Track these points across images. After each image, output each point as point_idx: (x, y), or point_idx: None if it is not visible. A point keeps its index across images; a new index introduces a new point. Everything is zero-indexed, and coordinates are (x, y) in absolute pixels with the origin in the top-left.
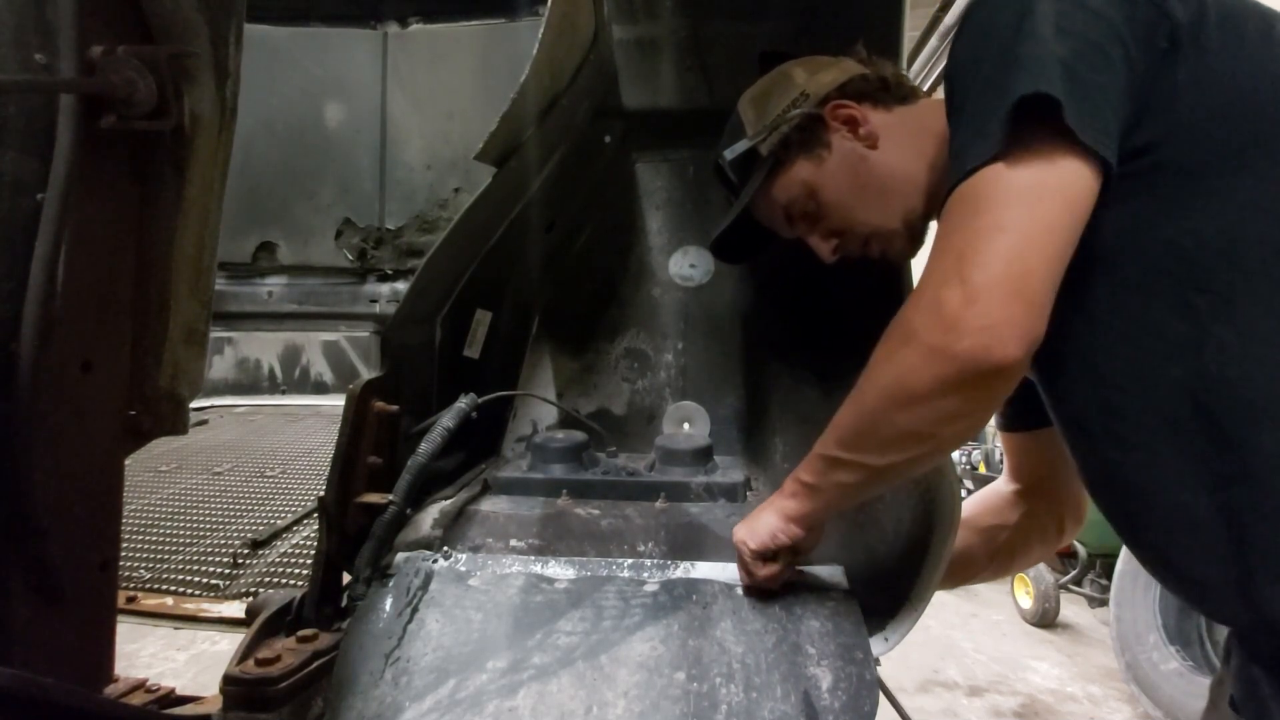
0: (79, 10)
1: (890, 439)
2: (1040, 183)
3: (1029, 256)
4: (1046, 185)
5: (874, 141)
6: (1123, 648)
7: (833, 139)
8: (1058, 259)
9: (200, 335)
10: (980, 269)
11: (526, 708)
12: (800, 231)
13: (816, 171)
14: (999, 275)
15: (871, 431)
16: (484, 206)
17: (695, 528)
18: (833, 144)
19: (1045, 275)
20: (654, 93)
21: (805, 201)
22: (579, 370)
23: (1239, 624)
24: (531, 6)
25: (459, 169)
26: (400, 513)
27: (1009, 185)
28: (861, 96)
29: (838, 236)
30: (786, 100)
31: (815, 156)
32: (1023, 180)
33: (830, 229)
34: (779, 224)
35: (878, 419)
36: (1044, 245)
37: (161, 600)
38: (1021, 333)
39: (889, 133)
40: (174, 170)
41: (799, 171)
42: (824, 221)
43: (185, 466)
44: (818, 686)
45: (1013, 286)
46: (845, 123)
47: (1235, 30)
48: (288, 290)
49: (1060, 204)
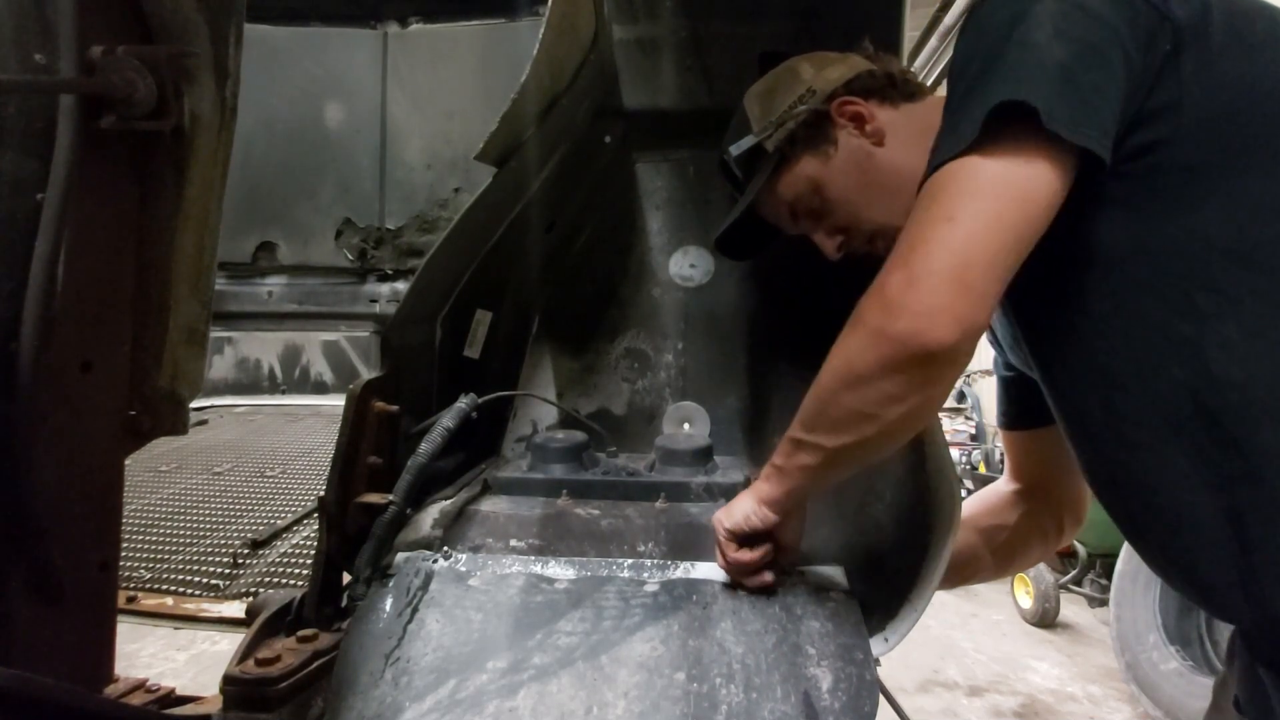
0: (79, 10)
1: (839, 419)
2: (1001, 178)
3: (971, 247)
4: (1006, 180)
5: (880, 138)
6: (1123, 648)
7: (839, 135)
8: (1004, 252)
9: (200, 335)
10: (924, 256)
11: (527, 708)
12: (805, 228)
13: (822, 168)
14: (940, 263)
15: (824, 412)
16: (484, 206)
17: (695, 528)
18: (839, 141)
19: (988, 266)
20: (654, 93)
21: (810, 198)
22: (579, 370)
23: (1244, 623)
24: (531, 6)
25: (459, 169)
26: (400, 513)
27: (969, 178)
28: (868, 93)
29: (842, 234)
30: (793, 96)
31: (821, 153)
32: (984, 174)
33: (835, 226)
34: (784, 221)
35: (828, 399)
36: (990, 237)
37: (161, 600)
38: (955, 319)
39: (895, 130)
40: (174, 170)
41: (804, 168)
42: (829, 218)
43: (185, 466)
44: (818, 687)
45: (953, 274)
46: (851, 119)
47: (1242, 30)
48: (288, 290)
49: (1016, 199)
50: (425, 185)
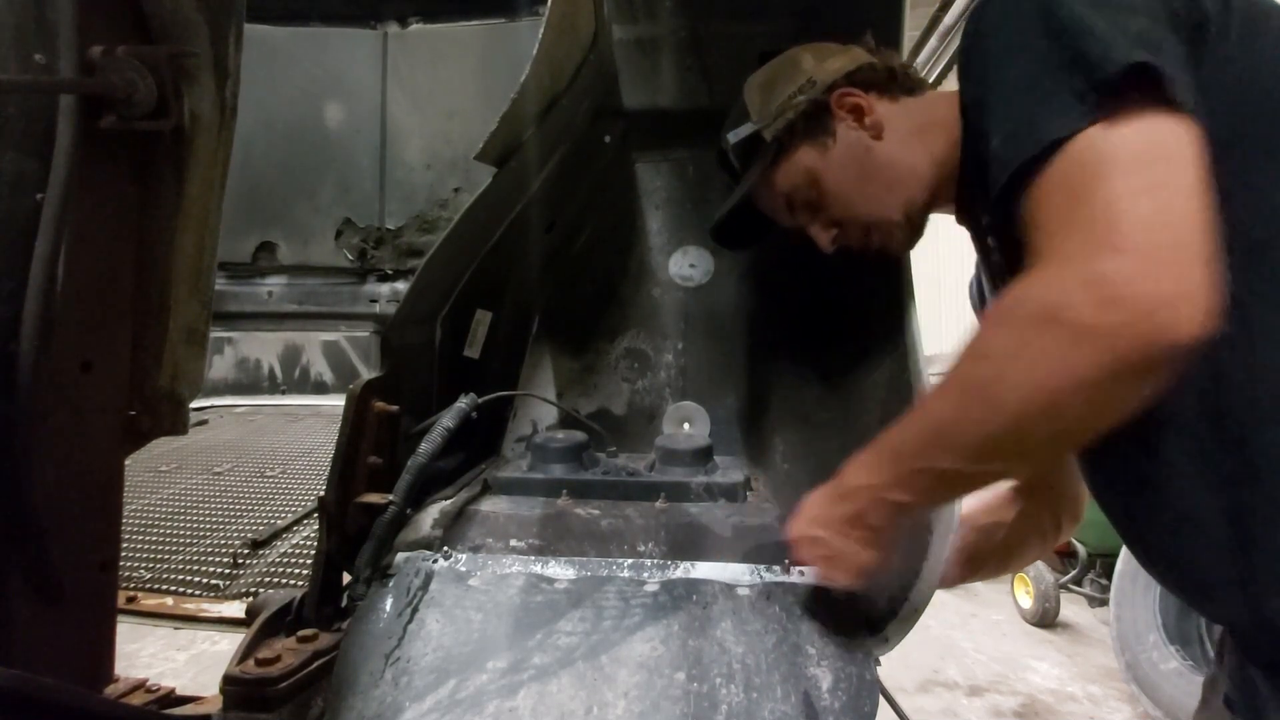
0: (79, 10)
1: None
2: (1162, 143)
3: (1192, 218)
4: (1169, 146)
5: (879, 131)
6: (1123, 647)
7: (838, 127)
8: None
9: (200, 335)
10: (1145, 232)
11: (527, 708)
12: (800, 220)
13: (820, 159)
14: (1170, 240)
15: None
16: (484, 206)
17: (695, 528)
18: (838, 132)
19: (1208, 236)
20: (654, 93)
21: (807, 189)
22: (579, 370)
23: (1239, 625)
24: (531, 6)
25: (459, 169)
26: (400, 513)
27: (1131, 148)
28: (868, 86)
29: (838, 226)
30: (793, 86)
31: (819, 144)
32: (1142, 142)
33: (831, 218)
34: (780, 212)
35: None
36: (1200, 206)
37: (161, 600)
38: (1205, 301)
39: (894, 123)
40: (174, 170)
41: (802, 159)
42: (825, 210)
43: (185, 466)
44: (818, 687)
45: (1188, 251)
46: (851, 111)
47: (1258, 29)
48: (288, 290)
49: (1191, 163)
50: (425, 185)
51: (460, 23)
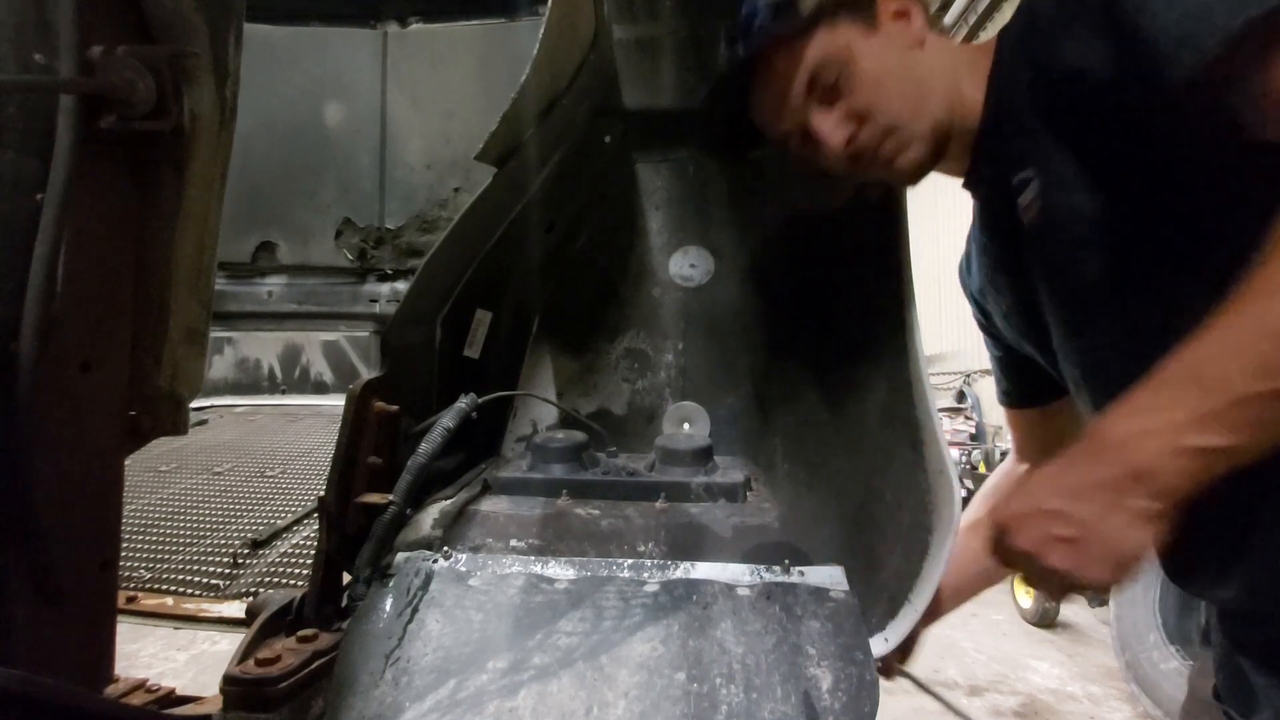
0: (79, 10)
1: None
2: None
3: None
4: None
5: (921, 42)
6: (1123, 647)
7: (884, 19)
8: None
9: (200, 335)
10: None
11: (527, 708)
12: (811, 110)
13: (862, 39)
14: None
15: None
16: (484, 206)
17: (695, 528)
18: (882, 24)
19: None
20: (654, 93)
21: (839, 68)
22: (579, 370)
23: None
24: (531, 6)
25: (459, 169)
26: (400, 513)
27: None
28: None
29: (857, 122)
30: None
31: (865, 24)
32: None
33: (854, 109)
34: (788, 98)
35: None
36: None
37: (161, 600)
38: None
39: (933, 45)
40: (173, 170)
41: (844, 33)
42: (850, 98)
43: (185, 466)
44: (818, 687)
45: None
46: (897, 16)
47: None
48: (288, 290)
49: None
50: (425, 185)
51: (460, 23)
